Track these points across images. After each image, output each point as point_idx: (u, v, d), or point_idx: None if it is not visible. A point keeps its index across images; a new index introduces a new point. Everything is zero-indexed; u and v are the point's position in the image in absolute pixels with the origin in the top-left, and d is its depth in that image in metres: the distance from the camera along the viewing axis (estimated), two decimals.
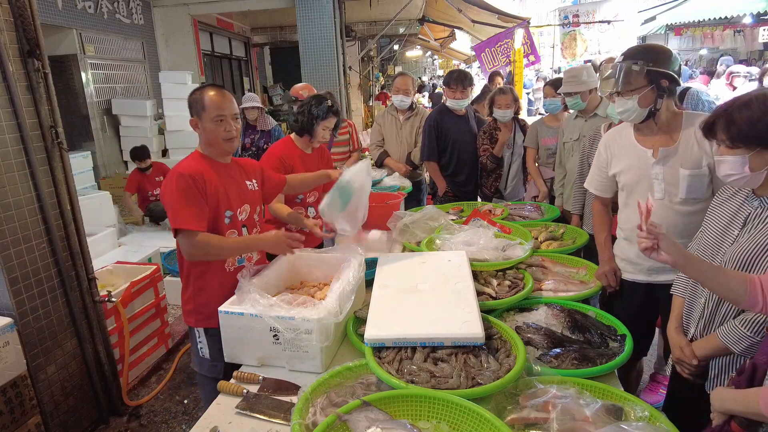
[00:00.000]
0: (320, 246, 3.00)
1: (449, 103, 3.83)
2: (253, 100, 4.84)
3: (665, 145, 1.97)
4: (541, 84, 10.21)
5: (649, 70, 1.86)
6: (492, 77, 6.73)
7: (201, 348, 2.01)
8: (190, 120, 1.93)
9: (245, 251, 2.02)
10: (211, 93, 1.89)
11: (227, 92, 1.93)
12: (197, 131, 1.94)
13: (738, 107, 1.39)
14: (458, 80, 3.76)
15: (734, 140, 1.40)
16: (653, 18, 10.42)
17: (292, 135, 2.79)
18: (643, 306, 2.16)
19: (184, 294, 2.02)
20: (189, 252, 1.85)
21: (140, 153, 5.38)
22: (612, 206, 2.32)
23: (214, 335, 1.94)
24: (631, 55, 1.92)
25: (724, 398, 1.23)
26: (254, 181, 2.12)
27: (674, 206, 1.97)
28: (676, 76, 1.89)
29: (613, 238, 2.29)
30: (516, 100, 3.74)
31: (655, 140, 2.00)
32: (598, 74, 2.89)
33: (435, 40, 12.58)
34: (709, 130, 1.47)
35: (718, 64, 8.33)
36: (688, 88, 3.21)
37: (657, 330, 2.47)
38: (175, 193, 1.80)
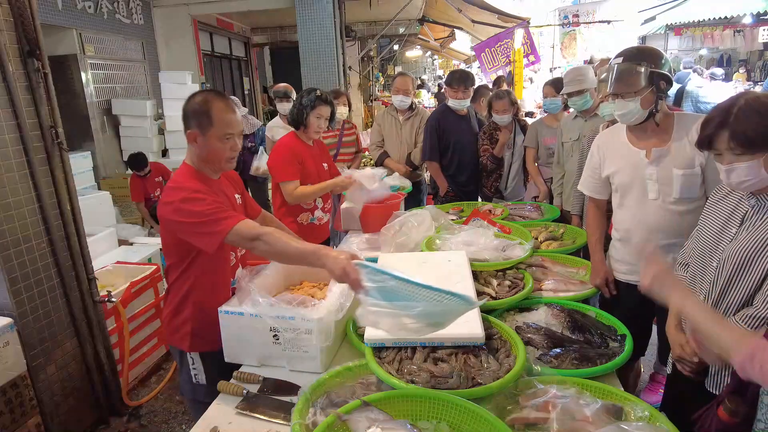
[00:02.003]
0: (326, 242, 3.00)
1: (451, 103, 3.83)
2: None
3: (658, 146, 1.98)
4: (527, 84, 10.17)
5: (652, 71, 1.87)
6: (499, 82, 6.75)
7: (196, 374, 1.85)
8: (189, 132, 1.72)
9: (303, 263, 1.70)
10: (219, 106, 1.69)
11: (232, 103, 1.76)
12: (193, 145, 1.74)
13: (742, 115, 1.38)
14: (460, 80, 3.76)
15: (750, 147, 1.38)
16: (653, 18, 10.41)
17: (294, 130, 2.84)
18: (639, 306, 2.16)
19: (178, 315, 1.83)
20: (248, 245, 1.66)
21: (139, 162, 5.26)
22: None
23: (215, 357, 1.78)
24: (631, 56, 1.92)
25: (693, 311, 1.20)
26: (239, 195, 2.00)
27: (668, 206, 1.99)
28: (670, 76, 1.91)
29: (609, 239, 2.29)
30: (514, 103, 3.75)
31: (648, 141, 2.01)
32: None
33: (435, 40, 12.58)
34: (708, 143, 1.47)
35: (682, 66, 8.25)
36: (683, 88, 3.22)
37: (656, 330, 2.47)
38: (191, 217, 1.63)
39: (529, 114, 6.44)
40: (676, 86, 3.11)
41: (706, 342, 1.14)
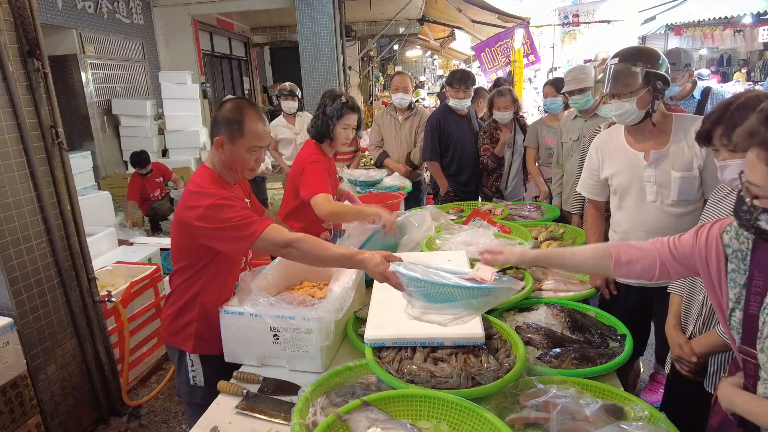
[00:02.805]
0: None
1: (452, 102, 3.83)
2: None
3: (656, 148, 1.98)
4: (526, 84, 10.14)
5: (647, 71, 1.87)
6: (499, 83, 6.74)
7: (194, 376, 1.84)
8: (217, 139, 1.70)
9: (338, 267, 1.75)
10: (252, 117, 1.69)
11: (263, 113, 1.76)
12: (219, 151, 1.72)
13: (738, 112, 1.38)
14: (461, 80, 3.76)
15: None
16: (653, 18, 10.41)
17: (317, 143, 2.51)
18: (637, 307, 2.17)
19: (183, 315, 1.80)
20: (279, 251, 1.67)
21: (141, 160, 5.29)
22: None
23: (213, 361, 1.80)
24: (627, 57, 1.92)
25: (732, 401, 1.20)
26: (248, 199, 1.98)
27: (666, 208, 1.99)
28: (668, 77, 1.91)
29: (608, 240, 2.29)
30: (515, 101, 3.75)
31: (647, 143, 2.01)
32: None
33: (435, 40, 12.58)
34: (706, 138, 1.47)
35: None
36: (709, 88, 3.19)
37: (653, 330, 2.47)
38: (220, 223, 1.61)
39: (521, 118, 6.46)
40: (700, 87, 3.09)
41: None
